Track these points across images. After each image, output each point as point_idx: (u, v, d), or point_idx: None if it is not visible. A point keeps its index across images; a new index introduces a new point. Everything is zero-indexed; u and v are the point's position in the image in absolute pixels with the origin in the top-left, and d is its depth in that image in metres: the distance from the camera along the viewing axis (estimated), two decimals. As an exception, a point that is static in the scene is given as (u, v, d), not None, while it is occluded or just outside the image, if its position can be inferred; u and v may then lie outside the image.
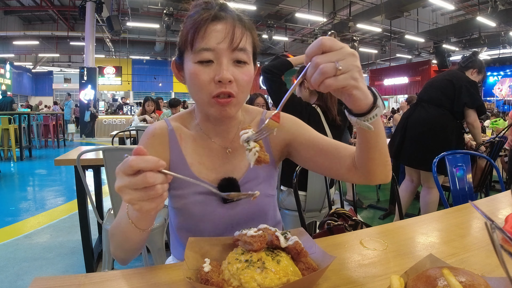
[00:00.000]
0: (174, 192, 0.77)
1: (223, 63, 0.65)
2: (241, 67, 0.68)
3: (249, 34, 0.69)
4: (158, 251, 1.63)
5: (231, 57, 0.66)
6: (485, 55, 16.74)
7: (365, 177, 0.68)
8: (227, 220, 0.75)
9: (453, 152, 1.68)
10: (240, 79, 0.67)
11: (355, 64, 0.47)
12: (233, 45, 0.65)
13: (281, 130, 0.80)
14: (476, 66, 2.49)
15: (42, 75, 20.31)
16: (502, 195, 1.14)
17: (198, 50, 0.65)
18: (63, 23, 14.38)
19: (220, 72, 0.64)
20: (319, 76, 0.46)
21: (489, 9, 9.37)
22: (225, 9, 0.68)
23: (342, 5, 12.63)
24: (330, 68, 0.45)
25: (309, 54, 0.48)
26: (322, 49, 0.47)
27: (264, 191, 0.79)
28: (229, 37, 0.65)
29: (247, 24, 0.70)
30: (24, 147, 6.52)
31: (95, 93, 10.76)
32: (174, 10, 10.45)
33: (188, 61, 0.68)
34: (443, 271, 0.44)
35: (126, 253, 0.67)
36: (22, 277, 1.97)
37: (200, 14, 0.66)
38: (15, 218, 3.09)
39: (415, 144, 2.43)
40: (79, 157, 1.61)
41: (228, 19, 0.66)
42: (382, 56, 18.14)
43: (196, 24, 0.65)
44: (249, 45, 0.69)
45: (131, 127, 3.90)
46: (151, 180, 0.47)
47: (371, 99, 0.52)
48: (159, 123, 0.80)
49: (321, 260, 0.56)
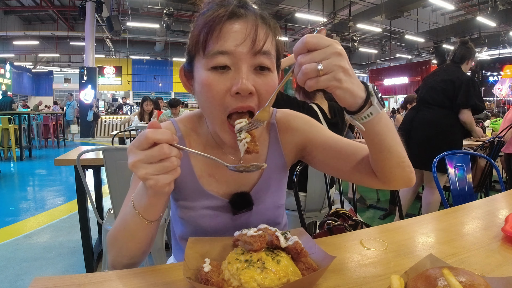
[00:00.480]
0: (182, 202, 0.72)
1: (242, 70, 0.54)
2: (264, 75, 0.57)
3: (273, 36, 0.59)
4: (158, 251, 1.63)
5: (252, 63, 0.55)
6: (485, 55, 16.75)
7: (383, 182, 0.63)
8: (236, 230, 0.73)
9: (453, 152, 1.68)
10: (263, 91, 0.57)
11: (339, 64, 0.45)
12: (255, 48, 0.54)
13: (294, 132, 0.75)
14: (470, 55, 2.46)
15: (42, 75, 20.31)
16: (502, 195, 1.14)
17: (212, 54, 0.55)
18: (63, 23, 14.39)
19: (239, 81, 0.54)
20: (302, 76, 0.45)
21: (489, 9, 9.38)
22: (244, 4, 0.58)
23: (342, 5, 12.64)
24: (311, 69, 0.44)
25: (295, 52, 0.47)
26: (307, 48, 0.45)
27: (275, 202, 0.75)
28: (250, 38, 0.54)
29: (272, 23, 0.60)
30: (24, 147, 6.52)
31: (95, 93, 10.76)
32: (174, 10, 10.46)
33: (199, 68, 0.58)
34: (443, 271, 0.44)
35: (130, 258, 0.62)
36: (22, 277, 1.97)
37: (214, 10, 0.56)
38: (15, 218, 3.09)
39: (422, 145, 2.42)
40: (79, 157, 1.61)
41: (249, 16, 0.56)
42: (382, 56, 18.14)
43: (210, 22, 0.55)
44: (273, 49, 0.59)
45: (131, 127, 3.90)
46: (167, 151, 0.47)
47: (362, 98, 0.49)
48: (166, 126, 0.72)
49: (321, 260, 0.56)
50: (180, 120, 0.74)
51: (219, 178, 0.71)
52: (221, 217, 0.71)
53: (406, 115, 2.64)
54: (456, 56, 2.47)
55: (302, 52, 0.46)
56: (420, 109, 2.50)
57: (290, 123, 0.76)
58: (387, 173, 0.61)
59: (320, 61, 0.45)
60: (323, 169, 0.76)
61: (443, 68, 2.56)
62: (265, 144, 0.75)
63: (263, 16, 0.58)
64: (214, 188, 0.70)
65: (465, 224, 0.83)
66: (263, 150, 0.75)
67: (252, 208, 0.71)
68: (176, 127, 0.72)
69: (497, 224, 0.79)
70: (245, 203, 0.70)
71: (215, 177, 0.71)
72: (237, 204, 0.69)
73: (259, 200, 0.72)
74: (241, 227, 0.72)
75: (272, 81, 0.58)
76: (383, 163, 0.60)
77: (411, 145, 2.46)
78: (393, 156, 0.58)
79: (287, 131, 0.76)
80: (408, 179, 0.63)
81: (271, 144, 0.76)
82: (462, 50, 2.46)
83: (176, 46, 16.93)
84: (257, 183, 0.73)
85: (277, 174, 0.76)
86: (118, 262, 0.62)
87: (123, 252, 0.61)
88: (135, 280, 0.54)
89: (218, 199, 0.70)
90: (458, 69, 2.46)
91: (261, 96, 0.57)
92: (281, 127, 0.76)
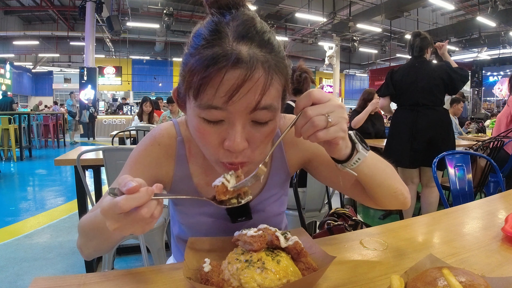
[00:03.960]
0: (180, 207, 0.71)
1: (236, 127, 0.49)
2: (261, 126, 0.52)
3: (278, 77, 0.50)
4: (158, 251, 1.63)
5: (248, 118, 0.50)
6: (485, 55, 16.75)
7: (378, 206, 0.69)
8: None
9: (453, 152, 1.68)
10: (258, 141, 0.53)
11: (344, 116, 0.49)
12: (251, 105, 0.48)
13: (300, 146, 0.72)
14: (427, 44, 2.47)
15: (42, 75, 20.29)
16: (502, 195, 1.14)
17: (205, 106, 0.49)
18: (63, 23, 14.39)
19: (232, 138, 0.50)
20: (311, 128, 0.47)
21: (489, 9, 9.37)
22: (248, 37, 0.48)
23: (342, 5, 12.64)
24: (322, 121, 0.47)
25: (300, 105, 0.49)
26: (312, 101, 0.48)
27: (276, 210, 0.75)
28: (248, 94, 0.47)
29: (279, 58, 0.51)
30: (24, 147, 6.52)
31: (95, 93, 10.76)
32: (174, 10, 10.46)
33: (191, 108, 0.52)
34: (443, 271, 0.44)
35: (95, 251, 0.62)
36: (22, 277, 1.97)
37: (211, 52, 0.47)
38: (15, 218, 3.09)
39: (429, 147, 2.41)
40: (79, 157, 1.61)
41: (249, 62, 0.47)
42: (382, 56, 18.15)
43: (203, 69, 0.47)
44: (275, 95, 0.50)
45: (131, 127, 3.90)
46: (147, 215, 0.42)
47: (349, 147, 0.54)
48: (167, 128, 0.69)
49: (321, 260, 0.56)
50: (182, 123, 0.70)
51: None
52: (220, 225, 0.70)
53: (403, 116, 2.56)
54: (415, 49, 2.49)
55: (308, 105, 0.48)
56: (419, 110, 2.46)
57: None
58: (380, 202, 0.67)
59: (327, 113, 0.47)
60: (324, 181, 0.77)
61: (414, 65, 2.51)
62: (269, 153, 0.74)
63: (266, 58, 0.49)
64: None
65: (465, 224, 0.83)
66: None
67: (251, 217, 0.70)
68: (178, 130, 0.69)
69: (497, 224, 0.79)
70: (243, 212, 0.69)
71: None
72: (234, 213, 0.69)
73: (260, 209, 0.72)
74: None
75: (270, 130, 0.53)
76: (376, 195, 0.65)
77: (415, 146, 2.45)
78: (385, 190, 0.64)
79: (293, 145, 0.73)
80: (401, 204, 0.68)
81: (275, 154, 0.73)
82: (418, 42, 2.48)
83: (176, 46, 16.92)
84: (259, 194, 0.71)
85: (280, 184, 0.75)
86: (85, 249, 0.62)
87: (89, 244, 0.60)
88: (135, 280, 0.54)
89: (216, 206, 0.68)
90: (430, 62, 2.50)
91: (255, 146, 0.53)
92: (287, 139, 0.73)
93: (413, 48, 2.50)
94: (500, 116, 3.24)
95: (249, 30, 0.49)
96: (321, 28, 13.57)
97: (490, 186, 2.70)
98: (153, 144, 0.67)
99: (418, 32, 2.55)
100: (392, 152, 2.56)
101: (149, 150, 0.67)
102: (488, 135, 4.61)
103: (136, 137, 3.50)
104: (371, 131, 3.56)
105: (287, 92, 0.56)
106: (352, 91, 22.81)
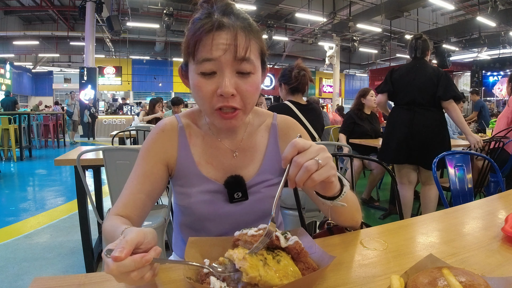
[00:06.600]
0: (179, 189, 0.77)
1: (225, 75, 0.64)
2: (246, 78, 0.66)
3: (254, 41, 0.67)
4: (158, 251, 1.63)
5: (234, 68, 0.65)
6: (485, 55, 16.74)
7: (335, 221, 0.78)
8: (233, 220, 0.76)
9: (453, 152, 1.68)
10: (244, 91, 0.66)
11: (328, 155, 0.54)
12: (237, 56, 0.63)
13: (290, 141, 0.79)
14: (428, 46, 2.52)
15: (42, 75, 20.28)
16: (502, 195, 1.14)
17: (200, 61, 0.64)
18: (63, 23, 14.38)
19: (222, 84, 0.63)
20: (306, 173, 0.50)
21: (489, 9, 9.35)
22: (228, 13, 0.66)
23: (342, 5, 12.63)
24: (313, 165, 0.51)
25: (288, 157, 0.52)
26: (298, 150, 0.52)
27: (271, 193, 0.79)
28: (231, 48, 0.63)
29: (253, 29, 0.68)
30: (24, 147, 6.52)
31: (95, 93, 10.75)
32: (174, 10, 10.45)
33: (191, 71, 0.68)
34: (443, 271, 0.44)
35: None
36: (22, 277, 1.97)
37: (202, 23, 0.64)
38: (15, 218, 3.09)
39: (426, 147, 2.42)
40: (79, 157, 1.61)
41: (231, 27, 0.64)
42: (382, 56, 18.13)
43: (198, 33, 0.64)
44: (254, 53, 0.67)
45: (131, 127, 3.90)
46: (136, 278, 0.45)
47: (339, 182, 0.60)
48: (169, 119, 0.80)
49: (321, 260, 0.56)
50: (182, 114, 0.83)
51: (217, 165, 0.77)
52: (218, 204, 0.75)
53: (399, 115, 2.56)
54: (418, 51, 2.53)
55: (294, 155, 0.52)
56: (416, 110, 2.46)
57: (289, 131, 0.84)
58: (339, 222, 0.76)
59: (314, 157, 0.52)
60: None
61: (415, 66, 2.53)
62: (264, 142, 0.81)
63: (245, 25, 0.66)
64: (212, 175, 0.76)
65: (465, 224, 0.83)
66: (261, 147, 0.80)
67: (247, 197, 0.76)
68: (178, 120, 0.80)
69: (497, 224, 0.79)
70: (238, 184, 0.75)
71: (212, 164, 0.77)
72: (230, 185, 0.74)
73: (255, 191, 0.77)
74: (237, 215, 0.75)
75: (253, 82, 0.67)
76: (339, 220, 0.74)
77: (412, 146, 2.45)
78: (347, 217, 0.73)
79: (285, 137, 0.83)
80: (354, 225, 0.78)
81: (270, 143, 0.82)
82: (420, 44, 2.52)
83: (176, 46, 16.90)
84: (254, 176, 0.78)
85: (273, 172, 0.81)
86: None
87: None
88: (135, 280, 0.54)
89: (214, 183, 0.75)
90: (430, 64, 2.53)
91: (243, 95, 0.66)
92: (281, 132, 0.83)
93: (416, 49, 2.53)
94: (500, 116, 3.25)
95: (229, 9, 0.66)
96: (321, 28, 13.57)
97: (490, 186, 2.70)
98: (158, 132, 0.77)
99: (419, 35, 2.60)
100: (388, 150, 2.58)
101: (155, 138, 0.77)
102: (488, 135, 4.61)
103: (136, 137, 3.50)
104: (371, 133, 3.56)
105: (265, 58, 0.72)
106: (352, 91, 22.76)
